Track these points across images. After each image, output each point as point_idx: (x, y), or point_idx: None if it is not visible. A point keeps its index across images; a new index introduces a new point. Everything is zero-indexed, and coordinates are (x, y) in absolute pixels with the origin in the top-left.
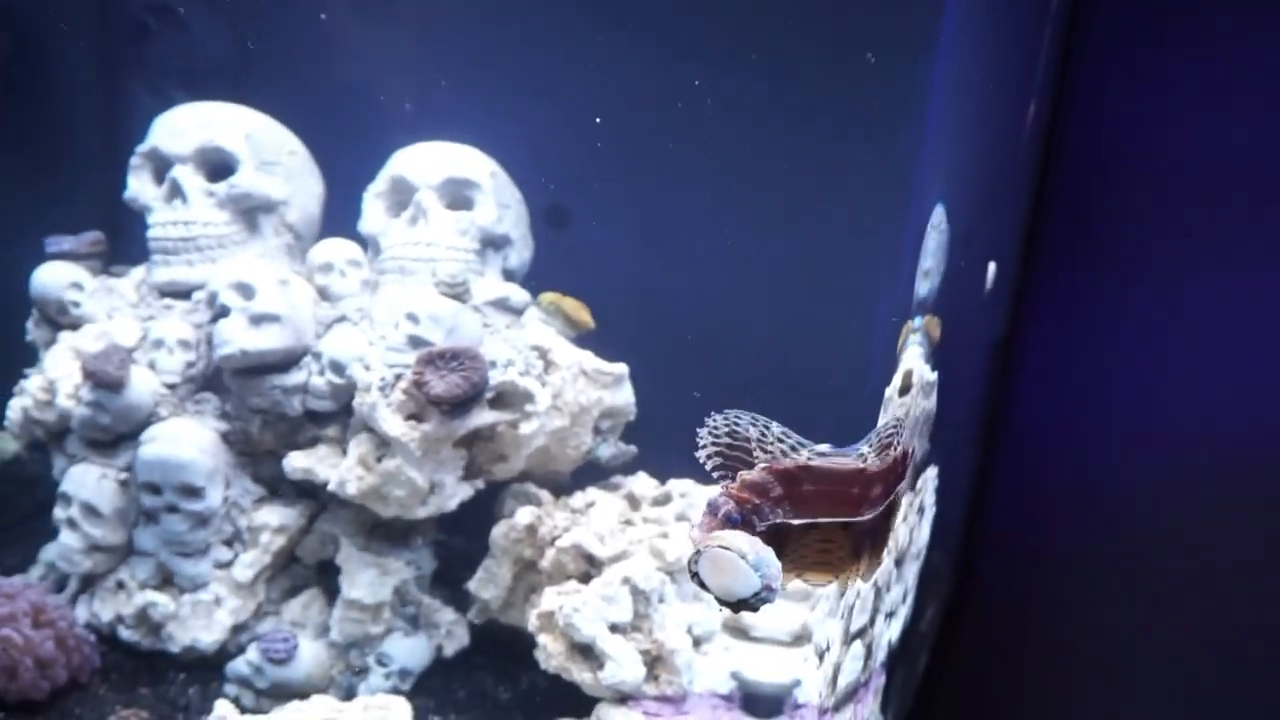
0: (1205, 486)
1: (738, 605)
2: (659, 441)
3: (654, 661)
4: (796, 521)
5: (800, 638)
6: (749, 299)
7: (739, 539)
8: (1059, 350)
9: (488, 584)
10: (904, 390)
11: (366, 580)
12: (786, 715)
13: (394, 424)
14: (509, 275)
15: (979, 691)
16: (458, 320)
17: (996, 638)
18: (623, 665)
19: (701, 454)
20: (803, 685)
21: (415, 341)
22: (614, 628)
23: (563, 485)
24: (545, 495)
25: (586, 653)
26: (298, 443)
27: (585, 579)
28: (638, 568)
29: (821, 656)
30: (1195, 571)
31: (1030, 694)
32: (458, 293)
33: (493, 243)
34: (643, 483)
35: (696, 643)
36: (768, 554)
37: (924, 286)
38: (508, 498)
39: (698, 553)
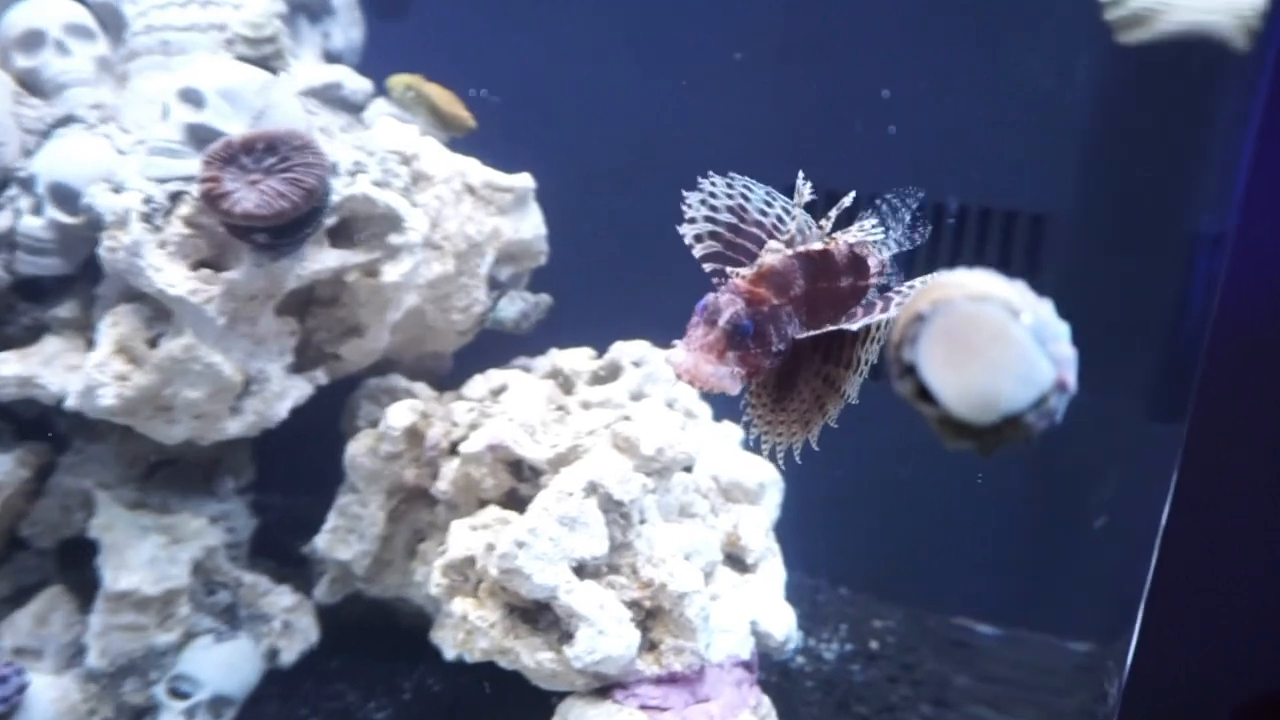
0: None
1: (998, 431)
2: (583, 295)
3: (649, 618)
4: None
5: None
6: (692, 104)
7: (997, 286)
8: None
9: (346, 535)
10: None
11: (145, 556)
12: None
13: (173, 274)
14: (332, 62)
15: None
16: (270, 97)
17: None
18: (604, 629)
19: (687, 230)
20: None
21: (199, 135)
22: (581, 568)
23: (442, 376)
24: (422, 389)
25: (535, 618)
26: (4, 335)
27: (513, 501)
28: (606, 468)
29: None
30: None
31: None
32: (265, 55)
33: (307, 6)
34: (572, 355)
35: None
36: (1052, 318)
37: None
38: (362, 400)
39: (918, 319)
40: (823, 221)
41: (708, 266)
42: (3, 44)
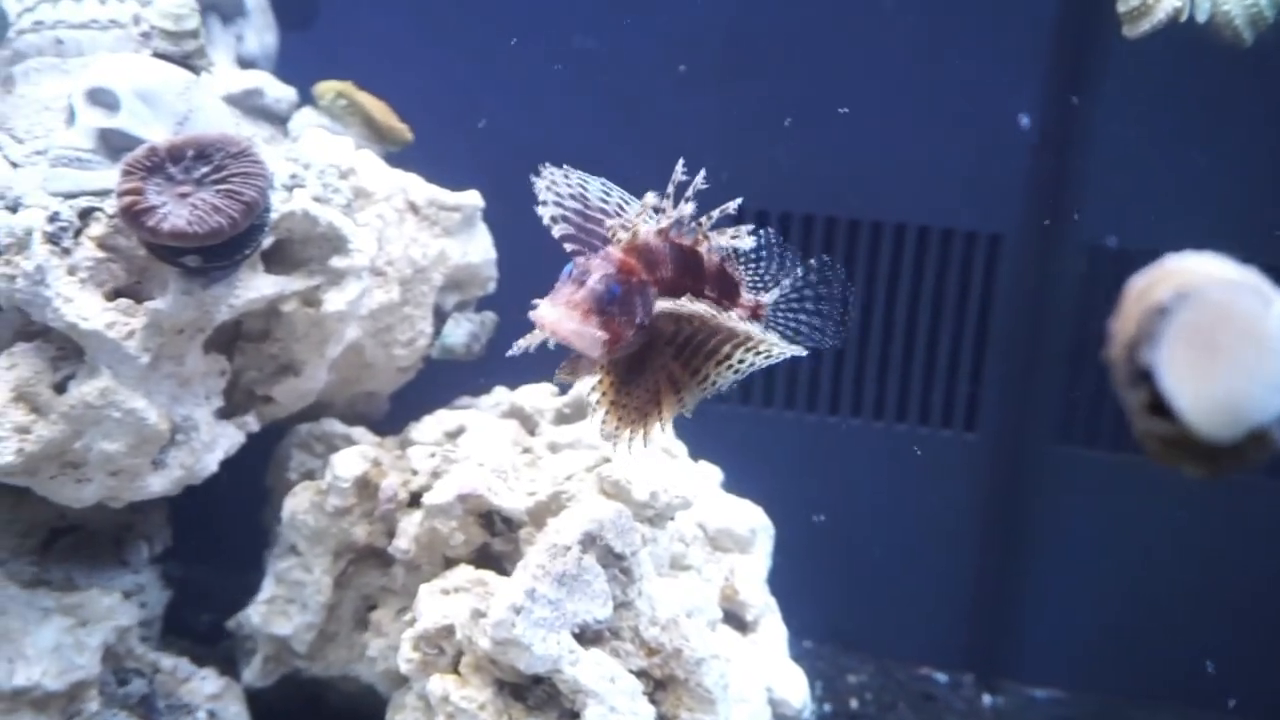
0: None
1: (1240, 449)
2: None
3: (659, 689)
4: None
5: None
6: (635, 118)
7: (1235, 270)
8: None
9: (286, 606)
10: None
11: (47, 644)
12: None
13: (87, 305)
14: (246, 68)
15: None
16: (194, 99)
17: None
18: (615, 705)
19: (543, 212)
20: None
21: (113, 143)
22: (582, 634)
23: (377, 420)
24: (362, 434)
25: (524, 694)
26: None
27: (485, 559)
28: (603, 516)
29: None
30: None
31: None
32: (187, 51)
33: (218, 6)
34: (532, 391)
35: None
36: None
37: None
38: (293, 449)
39: (1160, 312)
40: (704, 219)
41: (569, 246)
42: None
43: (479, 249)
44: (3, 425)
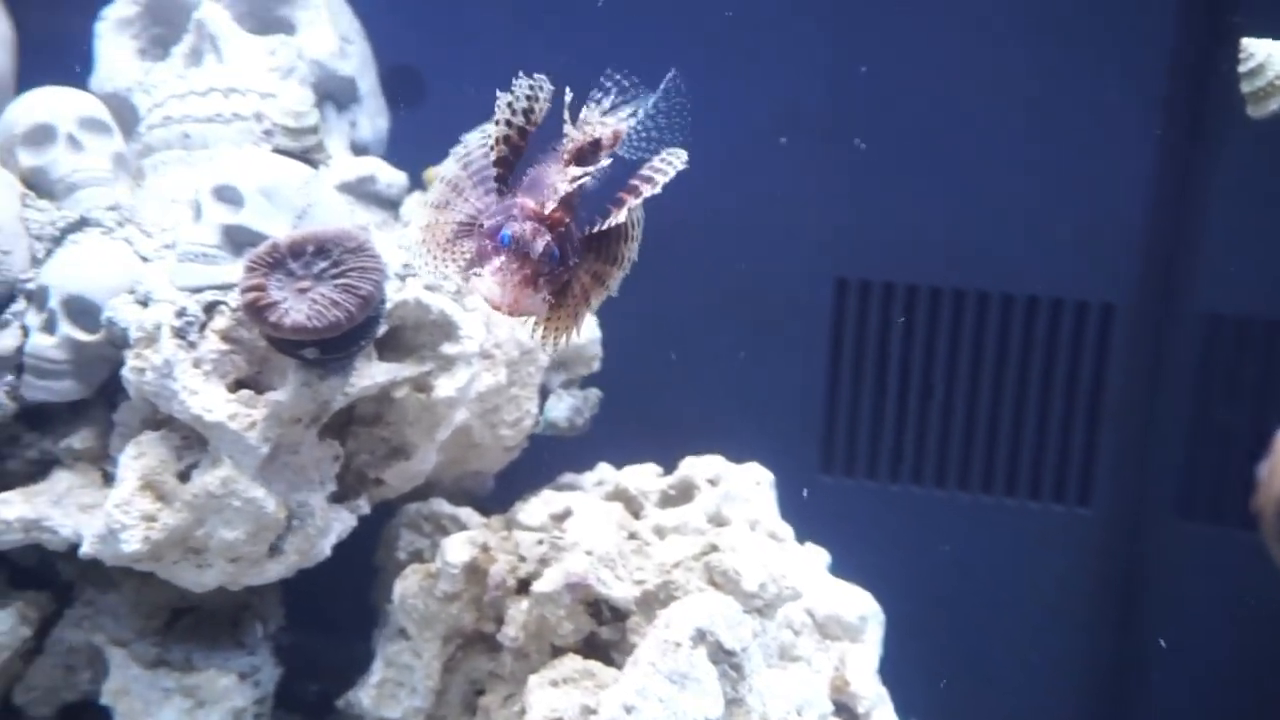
0: None
1: None
2: (634, 404)
3: None
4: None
5: None
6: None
7: None
8: None
9: (396, 689)
10: None
11: None
12: None
13: (211, 397)
14: (359, 153)
15: None
16: (312, 194)
17: None
18: None
19: (491, 130)
20: None
21: (236, 238)
22: None
23: (482, 498)
24: (469, 515)
25: None
26: (7, 471)
27: (592, 648)
28: (714, 611)
29: None
30: None
31: None
32: (307, 146)
33: (333, 95)
34: (637, 472)
35: None
36: None
37: None
38: (402, 529)
39: None
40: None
41: (496, 170)
42: (6, 141)
43: (585, 328)
44: (130, 513)
